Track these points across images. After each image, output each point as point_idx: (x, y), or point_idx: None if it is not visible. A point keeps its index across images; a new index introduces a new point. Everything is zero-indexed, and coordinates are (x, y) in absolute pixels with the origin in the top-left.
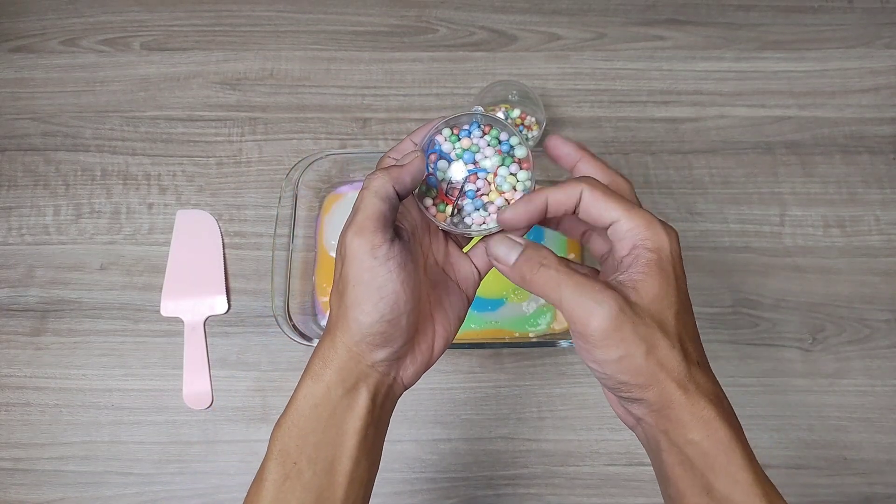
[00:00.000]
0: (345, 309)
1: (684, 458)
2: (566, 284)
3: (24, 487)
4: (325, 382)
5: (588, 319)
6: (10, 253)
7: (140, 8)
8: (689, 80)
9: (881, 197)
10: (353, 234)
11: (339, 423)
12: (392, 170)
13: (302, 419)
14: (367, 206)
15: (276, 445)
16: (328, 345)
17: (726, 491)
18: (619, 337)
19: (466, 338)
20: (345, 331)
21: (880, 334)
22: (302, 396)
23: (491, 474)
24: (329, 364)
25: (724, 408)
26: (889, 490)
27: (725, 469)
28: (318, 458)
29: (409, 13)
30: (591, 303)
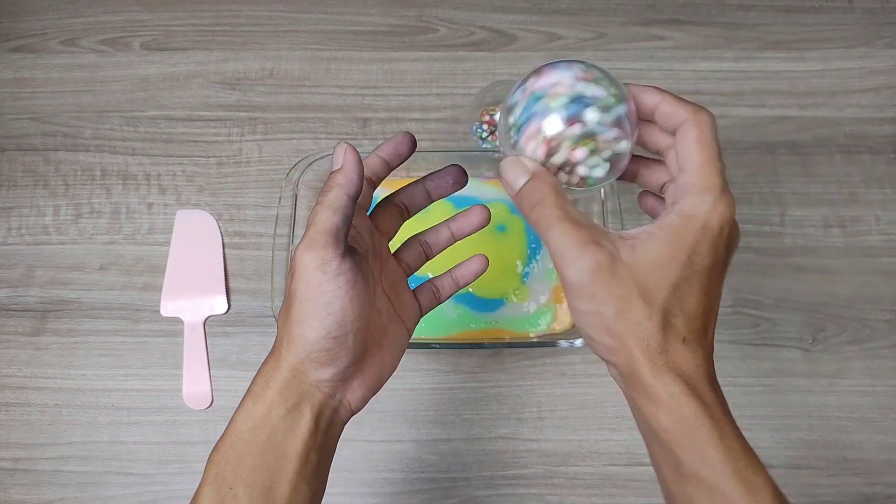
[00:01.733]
0: (290, 324)
1: (651, 431)
2: (555, 227)
3: (23, 487)
4: (267, 403)
5: (564, 268)
6: (9, 253)
7: (140, 8)
8: (690, 80)
9: (882, 197)
10: (304, 248)
11: (279, 446)
12: (336, 177)
13: (240, 442)
14: (320, 220)
15: (213, 470)
16: (272, 364)
17: (694, 468)
18: (589, 292)
19: (466, 338)
20: (290, 348)
21: (881, 334)
22: (241, 419)
23: (491, 474)
24: (271, 383)
25: (696, 386)
26: (889, 490)
27: (691, 446)
28: (254, 483)
29: (409, 13)
30: (571, 253)
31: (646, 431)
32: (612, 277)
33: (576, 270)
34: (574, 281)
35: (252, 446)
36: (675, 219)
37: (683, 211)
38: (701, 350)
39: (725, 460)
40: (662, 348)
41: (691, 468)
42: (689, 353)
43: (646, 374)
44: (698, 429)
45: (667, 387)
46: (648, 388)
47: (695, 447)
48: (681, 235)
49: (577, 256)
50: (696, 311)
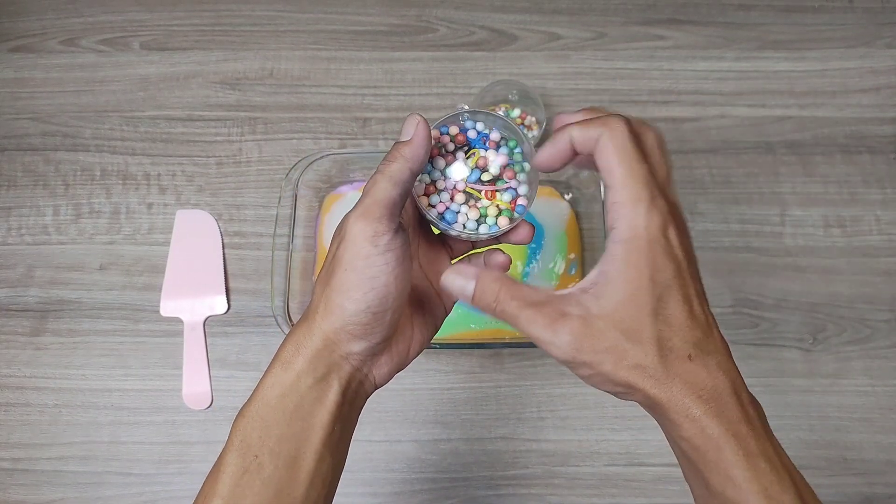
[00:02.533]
0: (330, 292)
1: (681, 452)
2: (521, 318)
3: (23, 488)
4: (296, 370)
5: (549, 350)
6: (9, 253)
7: (140, 8)
8: (690, 80)
9: (882, 197)
10: (357, 216)
11: (306, 416)
12: (403, 149)
13: (267, 409)
14: (379, 190)
15: (238, 436)
16: (304, 330)
17: (720, 487)
18: (582, 359)
19: (466, 338)
20: (326, 315)
21: (881, 334)
22: (269, 385)
23: (491, 474)
24: (301, 350)
25: (718, 402)
26: (889, 490)
27: (716, 466)
28: (280, 452)
29: (410, 13)
30: (546, 335)
31: (676, 451)
32: (593, 337)
33: (559, 349)
34: (563, 358)
35: (279, 414)
36: (619, 248)
37: (623, 236)
38: (712, 359)
39: (751, 479)
40: (671, 375)
41: (718, 488)
42: (701, 367)
43: (664, 402)
44: (722, 449)
45: (688, 409)
46: (670, 415)
47: (720, 467)
48: (633, 262)
49: (553, 336)
50: (687, 321)
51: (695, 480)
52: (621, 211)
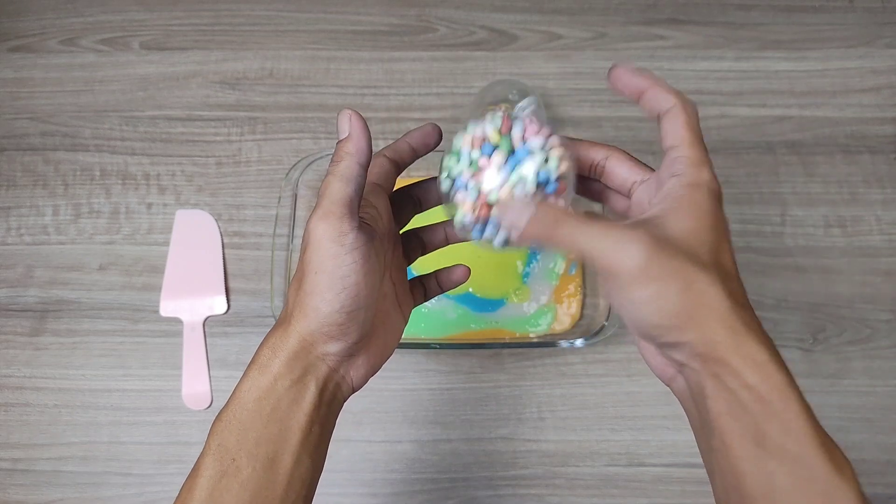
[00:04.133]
0: (303, 296)
1: (736, 404)
2: (589, 232)
3: (23, 488)
4: (272, 373)
5: (615, 261)
6: (8, 253)
7: (139, 7)
8: (690, 80)
9: (882, 197)
10: (319, 218)
11: (283, 418)
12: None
13: (244, 412)
14: (334, 190)
15: (215, 440)
16: (279, 334)
17: (780, 439)
18: (649, 275)
19: (466, 338)
20: (301, 319)
21: (881, 334)
22: (246, 389)
23: (491, 475)
24: (278, 353)
25: (777, 352)
26: (890, 490)
27: (781, 416)
28: (258, 455)
29: (410, 12)
30: (617, 244)
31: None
32: (665, 254)
33: (630, 257)
34: (631, 268)
35: (256, 417)
36: (683, 190)
37: (691, 180)
38: (753, 311)
39: (813, 433)
40: (735, 314)
41: (777, 441)
42: (754, 316)
43: (728, 344)
44: (789, 398)
45: (756, 353)
46: (735, 359)
47: (784, 418)
48: (697, 203)
49: (625, 244)
50: (735, 271)
51: (743, 439)
52: (689, 164)
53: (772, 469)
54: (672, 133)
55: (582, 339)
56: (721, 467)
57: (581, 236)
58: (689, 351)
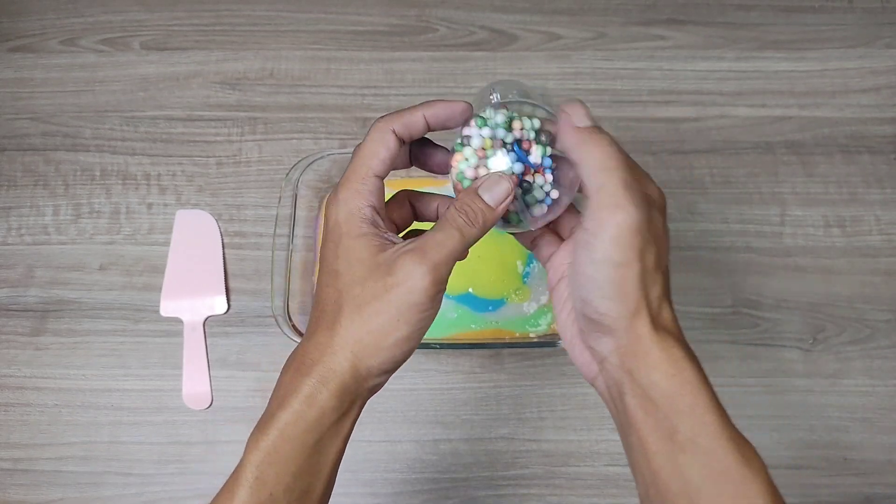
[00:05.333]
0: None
1: (648, 400)
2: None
3: (23, 488)
4: (321, 407)
5: (614, 212)
6: (9, 253)
7: (140, 7)
8: (690, 80)
9: (882, 197)
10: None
11: (322, 450)
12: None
13: (287, 445)
14: (456, 252)
15: (252, 470)
16: (327, 363)
17: (691, 433)
18: (629, 243)
19: (466, 338)
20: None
21: (881, 334)
22: (290, 421)
23: (491, 475)
24: (328, 386)
25: (691, 350)
26: (890, 490)
27: (691, 411)
28: (295, 488)
29: (410, 13)
30: (626, 198)
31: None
32: (649, 235)
33: (627, 216)
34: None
35: (300, 451)
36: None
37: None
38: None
39: (722, 427)
40: (660, 309)
41: (688, 434)
42: (672, 314)
43: (650, 338)
44: (699, 393)
45: (672, 349)
46: (654, 353)
47: (694, 412)
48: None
49: (629, 204)
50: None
51: (656, 432)
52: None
53: (683, 463)
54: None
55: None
56: (639, 463)
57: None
58: (615, 342)
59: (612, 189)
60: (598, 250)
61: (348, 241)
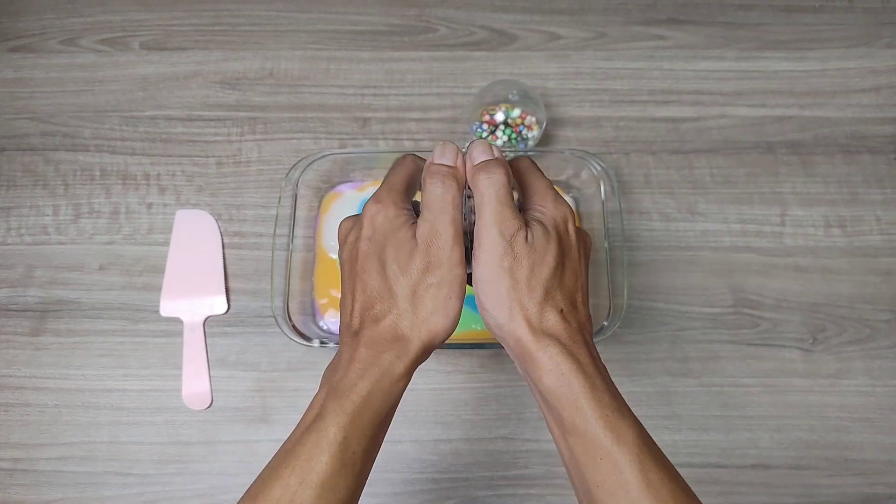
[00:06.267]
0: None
1: (541, 395)
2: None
3: (23, 488)
4: (396, 379)
5: (481, 241)
6: (9, 253)
7: (139, 7)
8: (690, 80)
9: (882, 197)
10: (453, 242)
11: (389, 416)
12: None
13: (368, 411)
14: (455, 218)
15: (340, 431)
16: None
17: (571, 420)
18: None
19: (467, 338)
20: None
21: (881, 334)
22: (373, 390)
23: (491, 475)
24: (402, 359)
25: (571, 348)
26: (890, 490)
27: (568, 400)
28: (370, 450)
29: (409, 12)
30: (490, 230)
31: (539, 401)
32: (515, 258)
33: (487, 250)
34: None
35: (376, 418)
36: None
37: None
38: (575, 322)
39: (595, 408)
40: (541, 318)
41: (570, 420)
42: (565, 323)
43: (530, 340)
44: (573, 383)
45: (547, 348)
46: (534, 354)
47: (570, 400)
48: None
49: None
50: (570, 288)
51: (553, 423)
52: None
53: (572, 445)
54: None
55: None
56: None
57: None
58: (511, 349)
59: (482, 223)
60: (477, 271)
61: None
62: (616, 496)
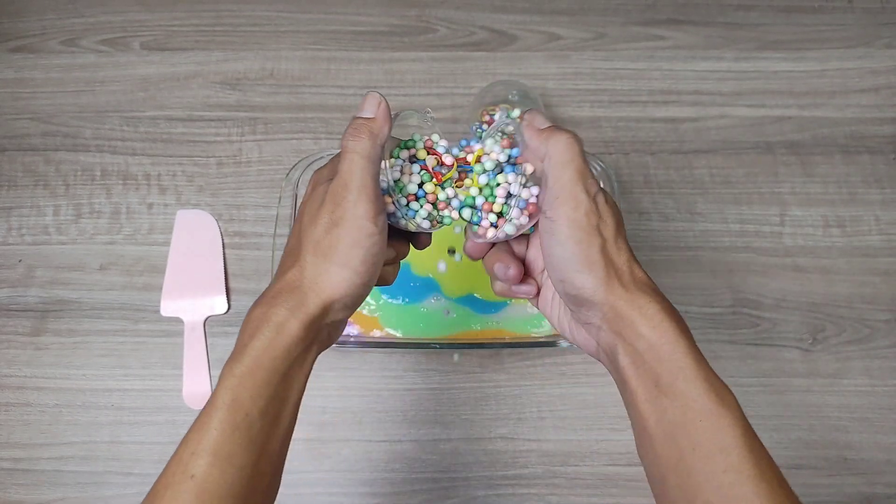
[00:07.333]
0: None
1: (636, 354)
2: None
3: (23, 487)
4: (291, 336)
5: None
6: (10, 253)
7: (140, 8)
8: (690, 80)
9: (881, 197)
10: (359, 192)
11: (291, 379)
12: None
13: (261, 371)
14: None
15: (227, 394)
16: (296, 295)
17: (670, 378)
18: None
19: (466, 338)
20: (325, 284)
21: (880, 334)
22: (262, 347)
23: (491, 474)
24: (297, 315)
25: (666, 304)
26: (889, 490)
27: (670, 358)
28: (268, 412)
29: (410, 13)
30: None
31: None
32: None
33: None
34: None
35: (273, 377)
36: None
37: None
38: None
39: (699, 370)
40: (632, 276)
41: (669, 381)
42: (644, 273)
43: (626, 299)
44: (676, 342)
45: (646, 307)
46: (631, 313)
47: (673, 360)
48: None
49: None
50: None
51: (643, 382)
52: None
53: (665, 406)
54: None
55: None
56: (632, 416)
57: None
58: (599, 311)
59: (566, 181)
60: (561, 232)
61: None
62: (713, 460)
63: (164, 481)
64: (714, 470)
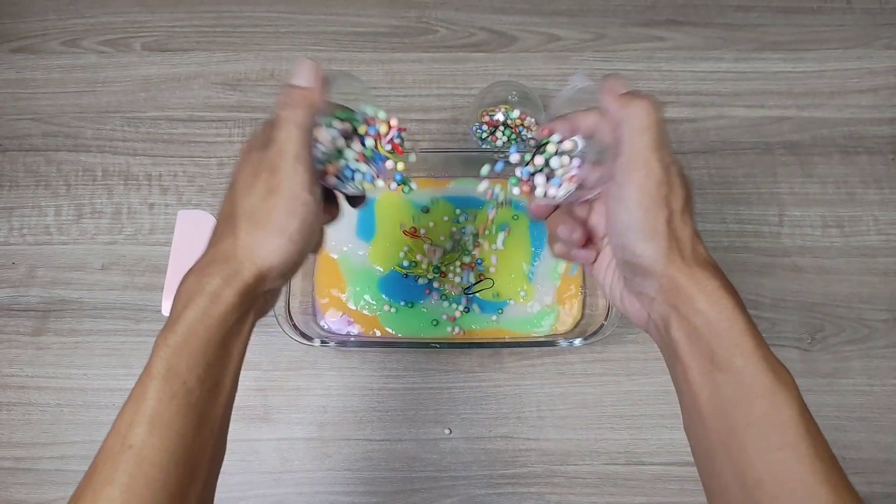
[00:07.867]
0: (268, 233)
1: (692, 329)
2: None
3: (25, 487)
4: (225, 304)
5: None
6: (11, 253)
7: (141, 9)
8: (689, 81)
9: (879, 197)
10: (295, 161)
11: (228, 346)
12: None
13: (195, 340)
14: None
15: (162, 364)
16: (230, 263)
17: (727, 354)
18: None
19: (466, 338)
20: (259, 252)
21: (879, 334)
22: (196, 317)
23: (491, 473)
24: (232, 284)
25: (726, 281)
26: (888, 489)
27: (728, 334)
28: (206, 380)
29: (410, 14)
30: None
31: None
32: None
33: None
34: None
35: (208, 345)
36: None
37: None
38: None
39: (757, 347)
40: (694, 251)
41: (725, 356)
42: (704, 248)
43: (686, 272)
44: (735, 319)
45: (706, 282)
46: (690, 287)
47: (731, 335)
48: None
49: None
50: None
51: (698, 358)
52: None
53: (720, 381)
54: None
55: (581, 338)
56: (682, 390)
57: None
58: (657, 282)
59: (642, 147)
60: (629, 199)
61: None
62: (768, 437)
63: (103, 455)
64: (768, 447)
